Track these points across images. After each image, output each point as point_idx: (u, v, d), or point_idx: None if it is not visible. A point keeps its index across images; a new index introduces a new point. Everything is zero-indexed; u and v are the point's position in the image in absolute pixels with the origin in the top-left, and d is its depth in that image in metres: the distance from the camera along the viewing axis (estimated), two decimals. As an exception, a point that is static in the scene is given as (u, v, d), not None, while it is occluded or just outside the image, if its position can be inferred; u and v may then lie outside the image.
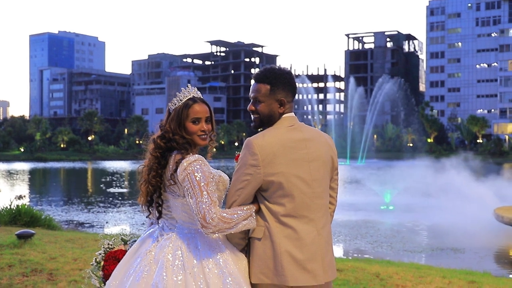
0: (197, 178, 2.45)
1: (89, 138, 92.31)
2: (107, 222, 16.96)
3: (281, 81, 2.63)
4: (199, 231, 2.54)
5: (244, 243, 2.61)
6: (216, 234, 2.48)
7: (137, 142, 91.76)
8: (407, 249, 12.16)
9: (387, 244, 12.66)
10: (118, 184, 32.55)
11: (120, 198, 24.27)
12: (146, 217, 2.75)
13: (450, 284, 6.50)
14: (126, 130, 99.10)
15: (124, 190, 28.54)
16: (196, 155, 2.56)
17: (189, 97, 2.68)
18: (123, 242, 2.94)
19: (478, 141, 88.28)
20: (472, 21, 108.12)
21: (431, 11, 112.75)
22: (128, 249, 2.83)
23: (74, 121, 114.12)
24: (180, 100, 2.67)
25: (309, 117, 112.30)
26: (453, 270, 8.38)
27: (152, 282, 2.45)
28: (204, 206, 2.39)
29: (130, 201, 22.62)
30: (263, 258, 2.51)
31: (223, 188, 2.62)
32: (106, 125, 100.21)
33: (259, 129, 2.70)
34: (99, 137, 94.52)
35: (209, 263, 2.47)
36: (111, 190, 28.30)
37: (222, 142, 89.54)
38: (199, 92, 2.74)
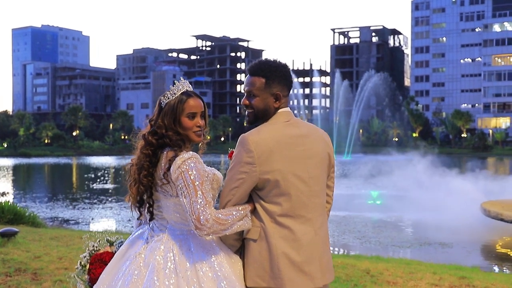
0: (192, 177, 2.32)
1: (74, 134, 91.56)
2: (92, 219, 16.77)
3: (276, 74, 2.51)
4: (191, 232, 2.42)
5: (239, 245, 2.49)
6: (210, 236, 2.37)
7: (123, 137, 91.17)
8: (396, 244, 12.15)
9: (375, 239, 12.64)
10: (103, 180, 32.26)
11: (105, 194, 24.04)
12: (137, 218, 2.61)
13: (441, 280, 6.46)
14: (111, 125, 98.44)
15: (110, 186, 28.29)
16: (190, 152, 2.43)
17: (183, 91, 2.54)
18: (109, 244, 2.80)
19: (462, 135, 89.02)
20: (457, 16, 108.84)
21: (416, 6, 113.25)
22: (115, 251, 2.71)
23: (58, 116, 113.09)
24: (174, 94, 2.52)
25: (295, 111, 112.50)
26: (442, 265, 8.35)
27: (142, 287, 2.33)
28: (198, 206, 2.27)
29: (115, 197, 22.41)
30: (258, 260, 2.39)
31: (217, 187, 2.49)
32: (91, 120, 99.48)
33: (253, 125, 2.59)
34: (84, 132, 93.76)
35: (203, 266, 2.34)
36: (97, 186, 28.04)
37: (208, 138, 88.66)
38: (191, 86, 2.60)
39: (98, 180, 31.92)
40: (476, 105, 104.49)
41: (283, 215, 2.41)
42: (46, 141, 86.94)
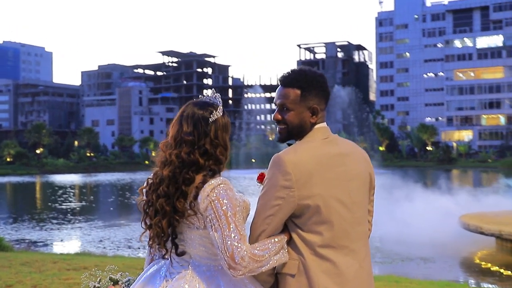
0: (224, 207, 1.99)
1: (37, 151, 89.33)
2: (62, 240, 16.12)
3: (313, 85, 2.22)
4: (219, 268, 2.09)
5: (272, 280, 2.17)
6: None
7: (88, 154, 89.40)
8: (377, 260, 11.95)
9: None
10: (70, 199, 31.33)
11: (73, 213, 23.28)
12: (162, 257, 2.20)
13: (437, 299, 6.27)
14: (76, 143, 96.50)
15: (78, 205, 27.46)
16: (221, 177, 2.09)
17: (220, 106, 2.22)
18: (112, 283, 2.44)
19: (427, 148, 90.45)
20: (419, 32, 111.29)
21: (380, 22, 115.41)
22: None
23: (20, 134, 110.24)
24: (222, 110, 2.20)
25: (262, 126, 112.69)
26: (431, 282, 8.20)
27: None
28: (231, 242, 1.95)
29: (84, 217, 21.71)
30: None
31: (245, 216, 2.16)
32: (55, 138, 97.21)
33: (285, 143, 2.29)
34: (47, 150, 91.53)
35: None
36: (64, 205, 27.17)
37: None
38: None
39: (66, 198, 30.98)
40: (440, 118, 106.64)
41: (324, 246, 2.11)
42: (8, 159, 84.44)
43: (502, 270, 10.89)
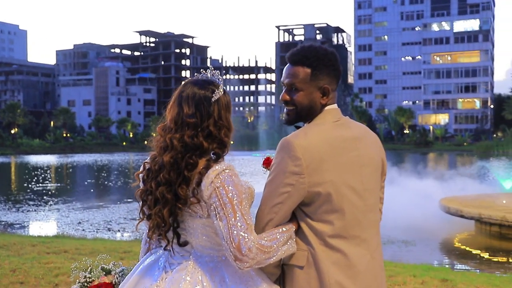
0: (229, 195, 1.85)
1: (12, 132, 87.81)
2: (39, 221, 15.84)
3: (325, 63, 2.07)
4: (223, 259, 1.96)
5: (279, 272, 2.05)
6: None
7: (64, 135, 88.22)
8: (359, 243, 11.96)
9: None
10: (47, 180, 30.87)
11: (50, 194, 22.90)
12: (164, 248, 2.04)
13: (424, 283, 6.27)
14: (52, 123, 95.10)
15: (55, 186, 27.06)
16: (225, 162, 1.96)
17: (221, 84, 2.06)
18: (104, 273, 2.28)
19: (405, 131, 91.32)
20: (397, 15, 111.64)
21: (358, 5, 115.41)
22: (115, 281, 2.21)
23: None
24: (223, 88, 2.05)
25: (241, 108, 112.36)
26: (414, 266, 8.21)
27: None
28: (238, 231, 1.82)
29: (62, 198, 21.37)
30: None
31: (250, 204, 2.02)
32: (30, 118, 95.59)
33: (293, 125, 2.15)
34: (22, 130, 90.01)
35: None
36: (40, 186, 26.75)
37: (154, 135, 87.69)
38: None
39: (42, 179, 30.50)
40: (417, 102, 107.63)
41: (334, 236, 1.98)
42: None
43: (482, 253, 11.00)
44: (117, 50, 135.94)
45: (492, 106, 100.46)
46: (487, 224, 12.07)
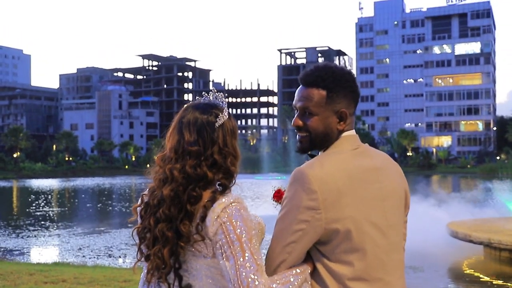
0: (237, 231, 1.65)
1: (14, 155, 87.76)
2: (39, 247, 15.57)
3: (342, 85, 1.88)
4: None
5: None
6: None
7: (67, 158, 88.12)
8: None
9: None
10: (48, 204, 30.61)
11: (51, 219, 22.64)
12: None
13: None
14: (54, 147, 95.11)
15: (56, 211, 26.80)
16: (233, 194, 1.75)
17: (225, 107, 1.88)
18: None
19: (408, 154, 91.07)
20: (399, 38, 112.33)
21: (360, 28, 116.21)
22: None
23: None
24: (228, 112, 1.86)
25: (243, 131, 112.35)
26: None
27: None
28: (247, 273, 1.62)
29: (62, 223, 21.11)
30: None
31: (260, 241, 1.81)
32: (32, 142, 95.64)
33: (306, 153, 1.94)
34: (25, 154, 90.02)
35: None
36: (41, 211, 26.48)
37: (150, 166, 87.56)
38: None
39: (43, 204, 30.24)
40: (419, 124, 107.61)
41: (355, 279, 1.76)
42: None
43: (492, 280, 10.70)
44: (120, 74, 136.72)
45: (494, 128, 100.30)
46: (496, 250, 11.78)
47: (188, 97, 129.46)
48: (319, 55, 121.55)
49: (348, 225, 1.74)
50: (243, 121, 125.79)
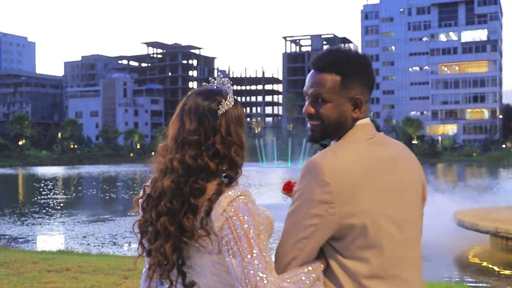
0: (244, 226, 1.56)
1: (20, 143, 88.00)
2: (43, 235, 15.58)
3: (357, 70, 1.75)
4: None
5: None
6: None
7: (72, 146, 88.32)
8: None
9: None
10: (53, 192, 30.66)
11: (56, 207, 22.66)
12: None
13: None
14: (59, 134, 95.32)
15: (61, 198, 26.83)
16: (239, 186, 1.65)
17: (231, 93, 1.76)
18: None
19: (413, 142, 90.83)
20: (405, 26, 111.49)
21: (365, 15, 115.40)
22: None
23: (2, 125, 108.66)
24: (233, 99, 1.74)
25: (248, 119, 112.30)
26: (430, 284, 7.88)
27: None
28: (255, 271, 1.52)
29: (67, 211, 21.13)
30: None
31: (269, 236, 1.71)
32: (38, 129, 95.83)
33: (319, 143, 1.82)
34: (30, 141, 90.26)
35: None
36: (46, 198, 26.53)
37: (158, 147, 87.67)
38: None
39: (48, 191, 30.29)
40: (425, 112, 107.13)
41: (371, 277, 1.64)
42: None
43: (499, 269, 10.62)
44: (125, 62, 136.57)
45: (500, 116, 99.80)
46: (503, 239, 11.67)
47: (192, 84, 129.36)
48: (324, 42, 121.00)
49: (364, 220, 1.63)
50: (248, 109, 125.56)
